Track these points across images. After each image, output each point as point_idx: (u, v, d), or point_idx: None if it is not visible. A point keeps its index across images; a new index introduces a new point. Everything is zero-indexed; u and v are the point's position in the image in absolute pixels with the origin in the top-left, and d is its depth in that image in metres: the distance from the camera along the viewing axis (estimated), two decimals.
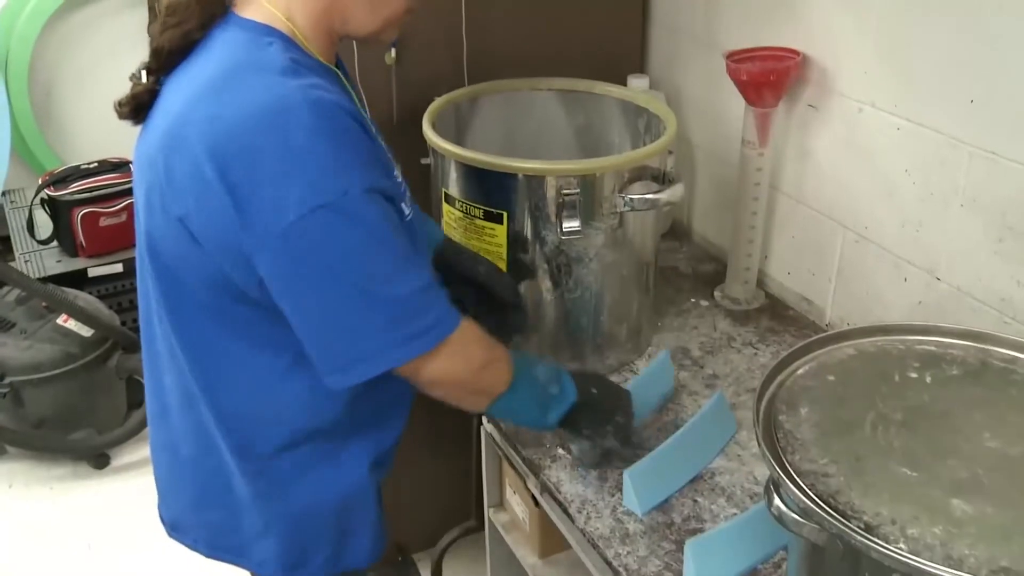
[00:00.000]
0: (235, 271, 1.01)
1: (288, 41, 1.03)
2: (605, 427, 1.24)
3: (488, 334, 1.12)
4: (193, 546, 1.26)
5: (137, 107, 1.08)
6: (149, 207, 1.05)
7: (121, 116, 1.09)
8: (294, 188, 0.94)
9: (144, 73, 1.07)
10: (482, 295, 1.34)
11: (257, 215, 0.95)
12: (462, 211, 1.40)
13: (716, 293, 1.72)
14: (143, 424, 2.55)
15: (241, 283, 1.03)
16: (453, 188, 1.41)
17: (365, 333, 1.01)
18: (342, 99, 1.00)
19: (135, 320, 2.95)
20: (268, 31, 1.03)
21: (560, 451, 1.34)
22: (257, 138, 0.95)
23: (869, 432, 0.95)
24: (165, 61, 1.05)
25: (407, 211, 1.12)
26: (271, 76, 0.98)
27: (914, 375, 1.03)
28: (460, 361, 1.07)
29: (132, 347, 2.60)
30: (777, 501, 0.91)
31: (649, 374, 1.41)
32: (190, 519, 1.26)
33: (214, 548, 1.25)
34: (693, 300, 1.71)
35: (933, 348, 1.08)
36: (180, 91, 1.02)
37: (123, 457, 2.61)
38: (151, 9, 3.16)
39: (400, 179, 1.15)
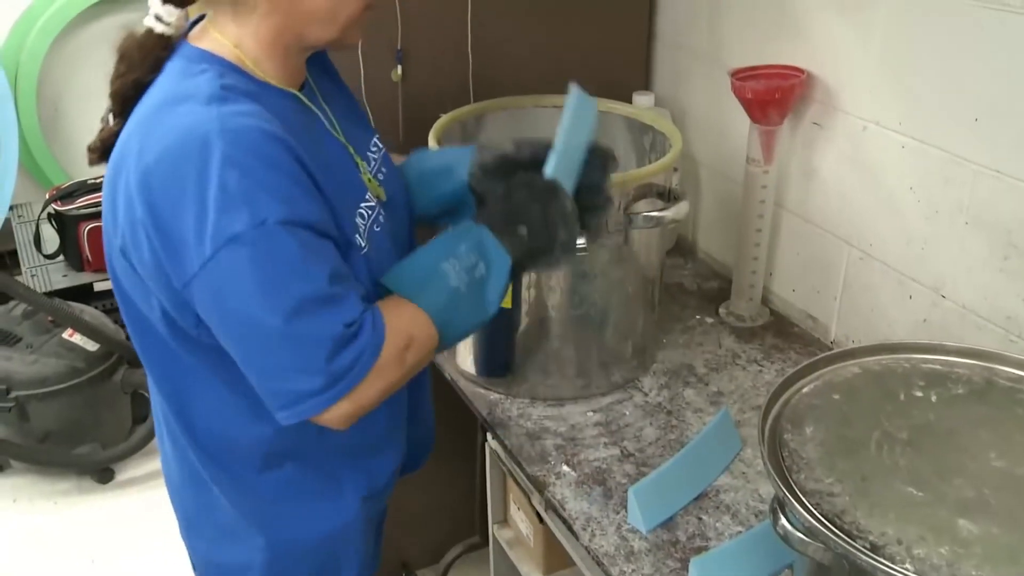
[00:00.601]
0: (173, 309, 1.00)
1: (228, 67, 1.01)
2: (552, 256, 1.13)
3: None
4: (194, 569, 1.27)
5: (105, 151, 1.06)
6: (107, 237, 1.05)
7: (91, 162, 1.08)
8: (210, 221, 0.91)
9: (110, 116, 1.06)
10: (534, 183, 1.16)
11: (182, 250, 0.93)
12: None
13: (721, 310, 1.72)
14: (147, 439, 2.55)
15: (180, 320, 1.01)
16: None
17: (299, 371, 0.96)
18: (273, 126, 0.95)
19: None
20: (206, 58, 1.01)
21: (565, 468, 1.34)
22: (175, 170, 0.92)
23: (874, 451, 0.95)
24: (123, 106, 1.04)
25: (362, 244, 1.06)
26: (193, 105, 0.95)
27: (919, 394, 1.03)
28: (389, 372, 1.01)
29: (137, 361, 2.58)
30: (782, 520, 0.91)
31: (571, 127, 1.17)
32: (186, 541, 1.26)
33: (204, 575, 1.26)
34: (698, 317, 1.71)
35: (938, 367, 1.08)
36: (127, 125, 1.02)
37: (127, 472, 2.61)
38: None
39: (369, 207, 1.11)
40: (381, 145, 1.23)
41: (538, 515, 1.48)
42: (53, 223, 2.94)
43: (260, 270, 0.92)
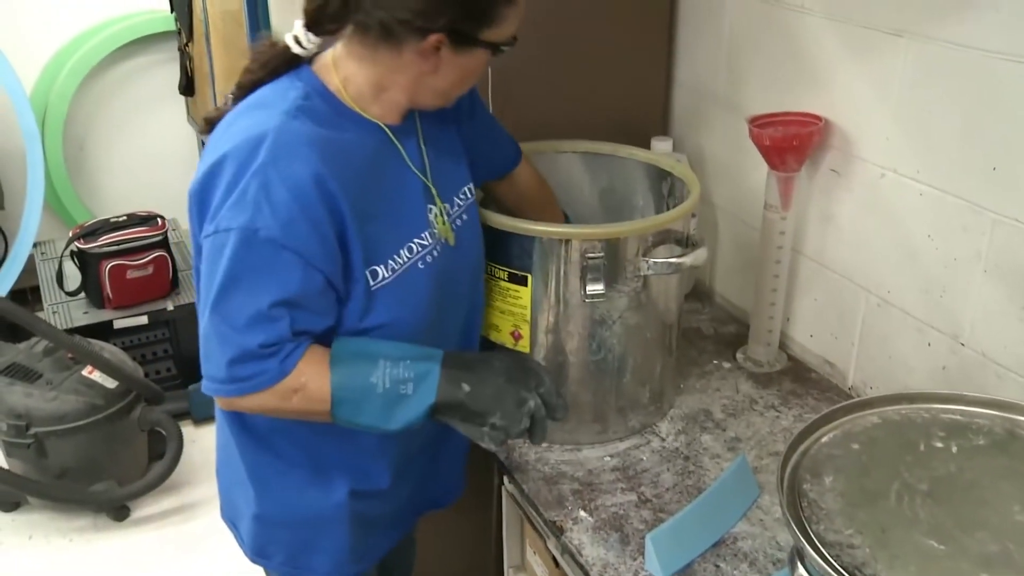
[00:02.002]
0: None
1: (319, 91, 1.12)
2: (479, 427, 1.16)
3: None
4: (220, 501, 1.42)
5: (214, 124, 1.19)
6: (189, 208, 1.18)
7: (202, 131, 1.21)
8: (224, 207, 1.05)
9: (231, 98, 1.20)
10: None
11: (205, 216, 1.09)
12: (488, 273, 1.41)
13: (738, 355, 1.71)
14: (163, 477, 2.56)
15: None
16: None
17: (213, 358, 1.10)
18: (323, 159, 1.06)
19: (159, 372, 2.98)
20: (307, 79, 1.14)
21: (581, 513, 1.33)
22: (227, 160, 1.06)
23: (895, 503, 0.94)
24: (243, 96, 1.17)
25: (384, 275, 1.15)
26: (270, 111, 1.09)
27: (939, 444, 1.03)
28: (271, 399, 1.12)
29: (155, 399, 2.62)
30: (801, 570, 0.90)
31: None
32: (217, 479, 1.41)
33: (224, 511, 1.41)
34: (715, 362, 1.70)
35: (958, 417, 1.07)
36: (227, 116, 1.16)
37: (143, 509, 2.62)
38: (183, 69, 3.24)
39: (421, 244, 1.19)
40: (472, 195, 1.32)
41: (554, 560, 1.47)
42: (75, 260, 2.98)
43: (229, 266, 1.05)
